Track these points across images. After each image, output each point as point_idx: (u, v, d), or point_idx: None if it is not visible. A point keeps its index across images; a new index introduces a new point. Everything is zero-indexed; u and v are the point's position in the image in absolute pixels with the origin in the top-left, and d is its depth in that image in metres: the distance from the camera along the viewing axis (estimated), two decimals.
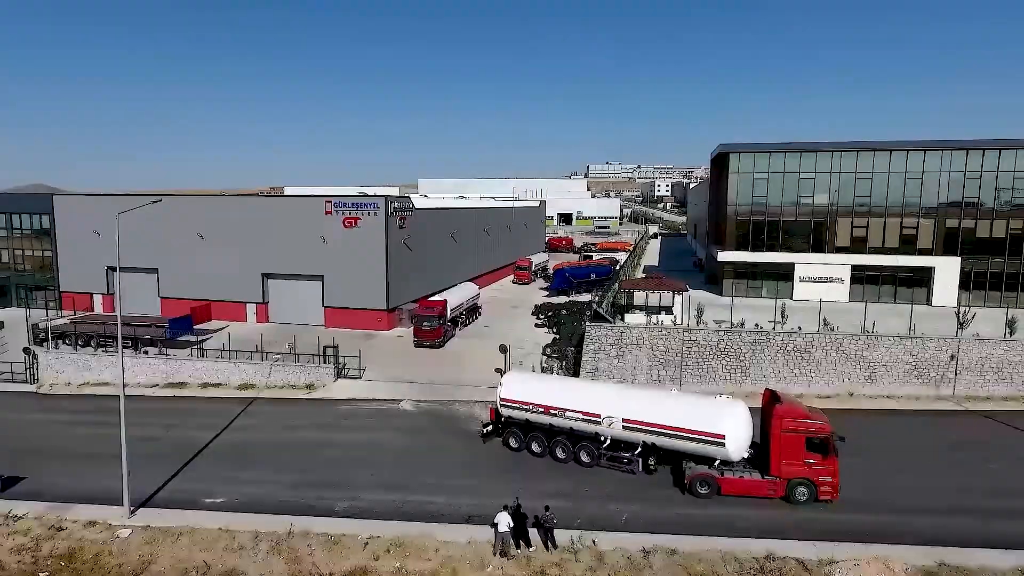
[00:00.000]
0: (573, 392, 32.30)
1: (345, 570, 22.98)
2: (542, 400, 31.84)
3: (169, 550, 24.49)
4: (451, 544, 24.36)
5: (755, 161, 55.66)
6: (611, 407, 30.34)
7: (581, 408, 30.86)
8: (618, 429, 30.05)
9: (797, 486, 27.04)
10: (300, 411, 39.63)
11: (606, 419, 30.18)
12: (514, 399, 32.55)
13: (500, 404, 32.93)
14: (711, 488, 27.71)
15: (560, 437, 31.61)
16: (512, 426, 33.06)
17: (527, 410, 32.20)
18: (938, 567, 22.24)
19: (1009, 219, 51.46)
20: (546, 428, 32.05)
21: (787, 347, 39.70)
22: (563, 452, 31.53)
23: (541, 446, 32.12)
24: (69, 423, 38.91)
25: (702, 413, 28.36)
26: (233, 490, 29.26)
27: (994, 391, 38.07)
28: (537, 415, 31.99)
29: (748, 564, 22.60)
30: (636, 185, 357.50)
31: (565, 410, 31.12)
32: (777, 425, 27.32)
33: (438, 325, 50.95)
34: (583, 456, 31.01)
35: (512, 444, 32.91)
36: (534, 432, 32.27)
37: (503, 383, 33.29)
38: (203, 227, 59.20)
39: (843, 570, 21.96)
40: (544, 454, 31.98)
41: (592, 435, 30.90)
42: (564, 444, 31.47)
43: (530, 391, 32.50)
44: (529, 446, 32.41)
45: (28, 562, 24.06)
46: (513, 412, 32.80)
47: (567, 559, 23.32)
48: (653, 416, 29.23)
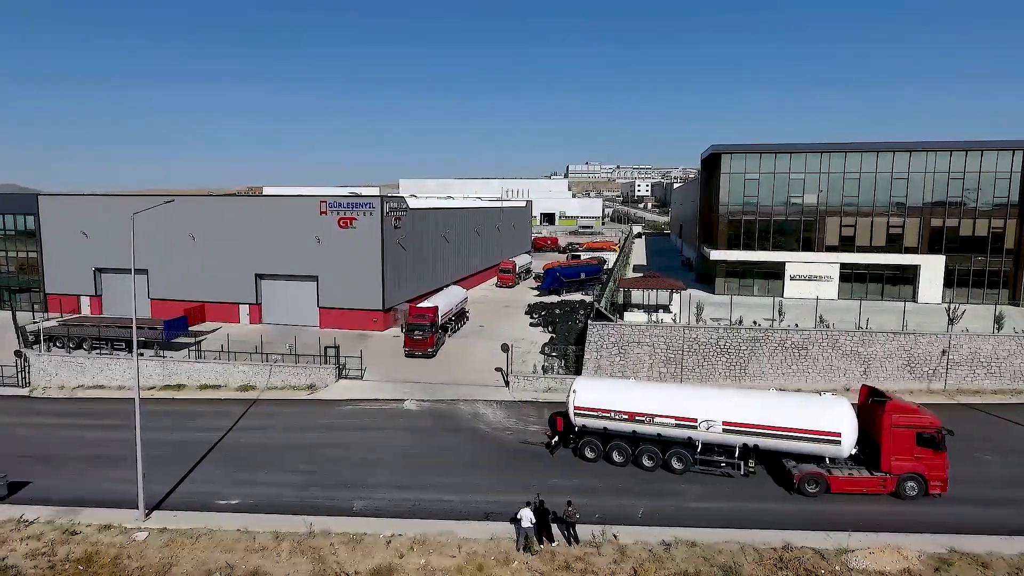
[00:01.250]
0: (660, 397, 30.84)
1: (370, 568, 23.08)
2: (625, 407, 30.45)
3: (189, 552, 24.37)
4: (473, 541, 24.62)
5: (746, 162, 56.64)
6: (708, 410, 29.35)
7: (673, 413, 29.70)
8: (717, 432, 29.14)
9: (907, 481, 27.25)
10: (303, 412, 39.52)
11: (703, 423, 29.17)
12: (591, 407, 30.99)
13: (574, 413, 31.23)
14: (820, 486, 27.57)
15: (647, 445, 30.37)
16: (587, 435, 31.44)
17: (607, 418, 30.70)
18: (949, 553, 23.09)
19: (991, 218, 53.06)
20: (628, 436, 30.79)
21: (785, 344, 40.58)
22: (650, 460, 30.38)
23: (624, 455, 30.82)
24: (67, 426, 38.37)
25: (814, 412, 28.02)
26: (245, 491, 29.16)
27: (984, 385, 39.31)
28: (619, 423, 30.56)
29: (767, 555, 23.21)
30: (616, 185, 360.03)
31: (654, 416, 29.89)
32: (888, 421, 27.36)
33: (430, 333, 48.14)
34: (675, 463, 29.99)
35: (588, 455, 31.37)
36: (615, 441, 30.91)
37: (575, 391, 31.61)
38: (194, 227, 58.53)
39: (858, 558, 22.65)
40: (626, 463, 30.79)
41: (684, 440, 29.88)
42: (652, 452, 30.29)
43: (609, 398, 31.03)
44: (608, 456, 31.06)
45: (45, 567, 23.75)
46: (588, 421, 31.22)
47: (590, 553, 23.71)
48: (759, 418, 28.55)
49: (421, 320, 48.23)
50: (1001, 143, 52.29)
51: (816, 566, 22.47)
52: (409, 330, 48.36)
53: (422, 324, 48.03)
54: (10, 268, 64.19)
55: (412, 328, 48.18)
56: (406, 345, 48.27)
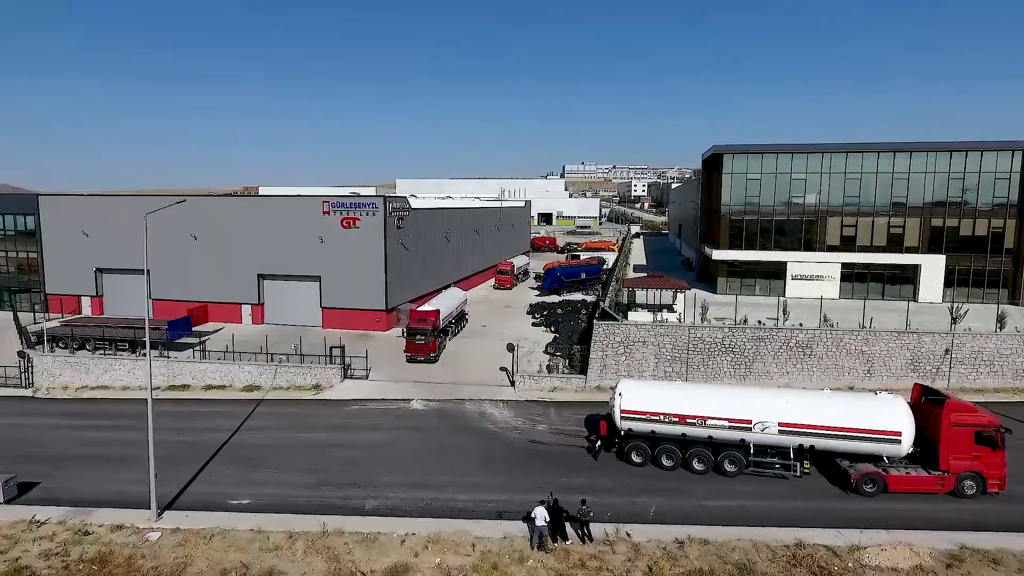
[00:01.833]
0: (712, 398, 30.27)
1: (386, 567, 23.16)
2: (675, 409, 29.85)
3: (203, 552, 24.38)
4: (487, 539, 24.72)
5: (748, 162, 56.91)
6: (763, 412, 28.95)
7: (726, 415, 29.23)
8: (772, 434, 28.79)
9: (965, 480, 27.29)
10: (310, 412, 39.53)
11: (758, 424, 28.79)
12: (638, 410, 30.35)
13: (621, 417, 30.57)
14: (878, 486, 27.57)
15: (698, 447, 29.86)
16: (635, 439, 30.85)
17: (656, 421, 30.11)
18: (960, 550, 23.32)
19: (991, 218, 53.48)
20: (678, 439, 30.23)
21: (789, 343, 40.81)
22: (701, 464, 29.89)
23: (674, 459, 30.22)
24: (73, 427, 38.26)
25: (874, 412, 27.99)
26: (256, 491, 29.19)
27: (986, 383, 39.62)
28: (668, 426, 29.98)
29: (780, 552, 23.40)
30: (612, 185, 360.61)
31: (706, 418, 29.35)
32: (947, 420, 27.30)
33: (432, 338, 46.57)
34: (727, 466, 29.56)
35: (635, 459, 30.76)
36: (664, 444, 30.32)
37: (622, 394, 30.83)
38: (196, 227, 58.42)
39: (871, 555, 22.86)
40: (675, 467, 30.19)
41: (736, 442, 29.49)
42: (703, 454, 29.79)
43: (658, 401, 30.39)
44: (657, 460, 30.44)
45: (59, 567, 23.73)
46: (635, 424, 30.59)
47: (604, 551, 23.84)
48: (817, 418, 28.31)
49: (423, 324, 46.63)
50: (1001, 143, 52.70)
51: (829, 563, 22.67)
52: (410, 334, 46.73)
53: (424, 328, 46.43)
54: (10, 268, 63.91)
55: (414, 332, 46.55)
56: (408, 350, 46.84)
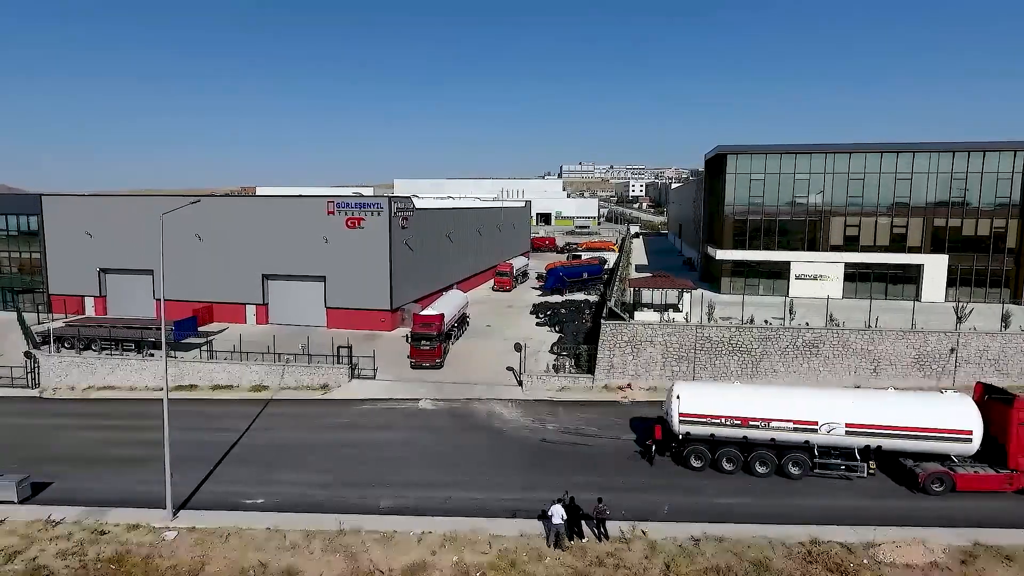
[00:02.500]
0: (775, 400, 29.80)
1: (404, 565, 23.27)
2: (737, 412, 29.42)
3: (220, 551, 24.45)
4: (504, 537, 24.85)
5: (751, 162, 57.14)
6: (829, 412, 28.70)
7: (791, 416, 28.85)
8: (839, 435, 28.61)
9: None
10: (319, 412, 39.58)
11: (824, 425, 28.55)
12: (697, 413, 29.81)
13: (679, 420, 29.96)
14: (945, 485, 27.53)
15: (760, 450, 29.48)
16: (693, 443, 30.27)
17: (716, 424, 29.63)
18: (973, 547, 23.56)
19: (993, 218, 53.82)
20: (739, 442, 29.82)
21: (796, 342, 41.03)
22: (764, 466, 29.52)
23: (735, 463, 29.79)
24: (81, 427, 38.27)
25: (943, 411, 27.99)
26: (271, 491, 29.25)
27: (991, 382, 39.69)
28: (729, 429, 29.56)
29: (796, 549, 23.59)
30: (609, 185, 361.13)
31: (770, 420, 28.96)
32: (1016, 417, 27.15)
33: (438, 343, 45.17)
34: (792, 469, 29.23)
35: (694, 463, 30.24)
36: (725, 448, 29.86)
37: (680, 397, 30.20)
38: (200, 227, 58.33)
39: (885, 552, 23.07)
40: (736, 471, 29.80)
41: (800, 444, 29.18)
42: (766, 457, 29.44)
43: (718, 403, 29.92)
44: (718, 464, 30.00)
45: (76, 566, 23.78)
46: (693, 428, 30.04)
47: (621, 549, 24.00)
48: (885, 418, 28.25)
49: (428, 329, 45.06)
50: (1003, 144, 53.02)
51: (845, 560, 22.87)
52: (415, 340, 45.17)
53: (429, 334, 44.90)
54: (13, 269, 63.75)
55: (419, 338, 45.03)
56: (412, 356, 45.40)
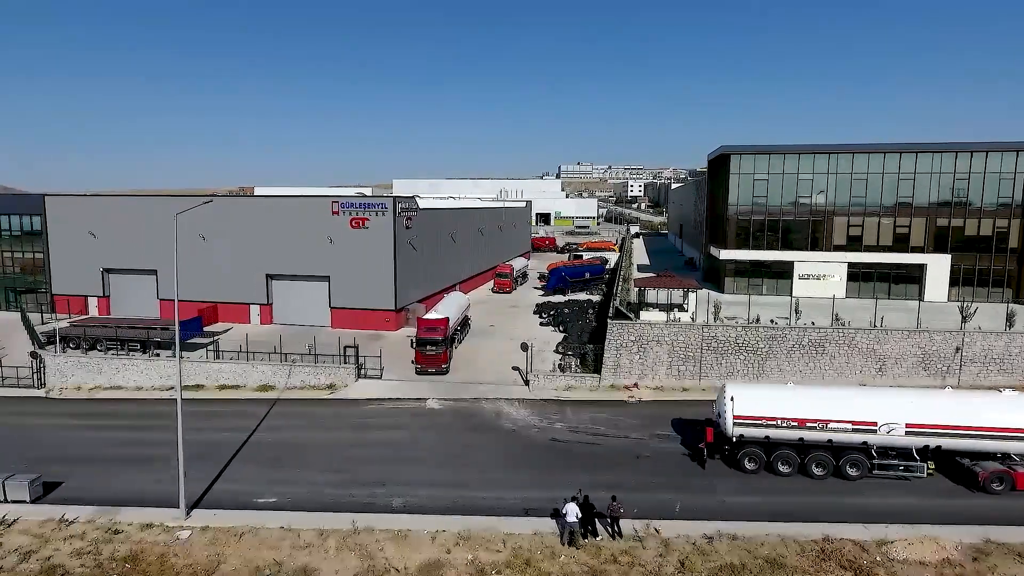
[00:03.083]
0: (832, 401, 29.52)
1: (419, 563, 23.34)
2: (793, 413, 29.00)
3: (235, 550, 24.51)
4: (517, 536, 24.95)
5: (755, 162, 57.36)
6: (890, 413, 28.44)
7: (850, 417, 28.57)
8: (898, 435, 28.39)
9: None
10: (327, 411, 39.63)
11: (883, 426, 28.31)
12: (753, 415, 29.39)
13: (734, 423, 29.57)
14: (1006, 484, 27.43)
15: (817, 452, 29.12)
16: (748, 445, 29.87)
17: (772, 426, 29.23)
18: (985, 544, 23.73)
19: (995, 218, 54.12)
20: (795, 444, 29.42)
21: (802, 342, 41.22)
22: (821, 468, 29.16)
23: (791, 465, 29.39)
24: (89, 427, 38.28)
25: (1006, 410, 27.81)
26: (282, 490, 29.31)
27: (996, 381, 40.09)
28: (785, 430, 29.13)
29: (808, 547, 23.73)
30: (608, 185, 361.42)
31: (828, 421, 28.61)
32: None
33: (444, 348, 44.28)
34: (850, 470, 28.93)
35: (748, 466, 29.85)
36: (780, 450, 29.47)
37: (734, 399, 29.74)
38: (204, 227, 58.29)
39: (898, 549, 23.21)
40: (792, 473, 29.40)
41: (858, 445, 28.95)
42: (823, 459, 29.06)
43: (773, 405, 29.45)
44: (773, 466, 29.62)
45: (91, 565, 23.80)
46: (747, 430, 29.63)
47: (634, 547, 24.12)
48: (947, 418, 28.01)
49: (433, 334, 44.10)
50: (1005, 144, 53.31)
51: (858, 557, 23.01)
52: (420, 344, 44.11)
53: (435, 339, 43.94)
54: (16, 269, 63.66)
55: (424, 343, 43.98)
56: (418, 361, 44.40)
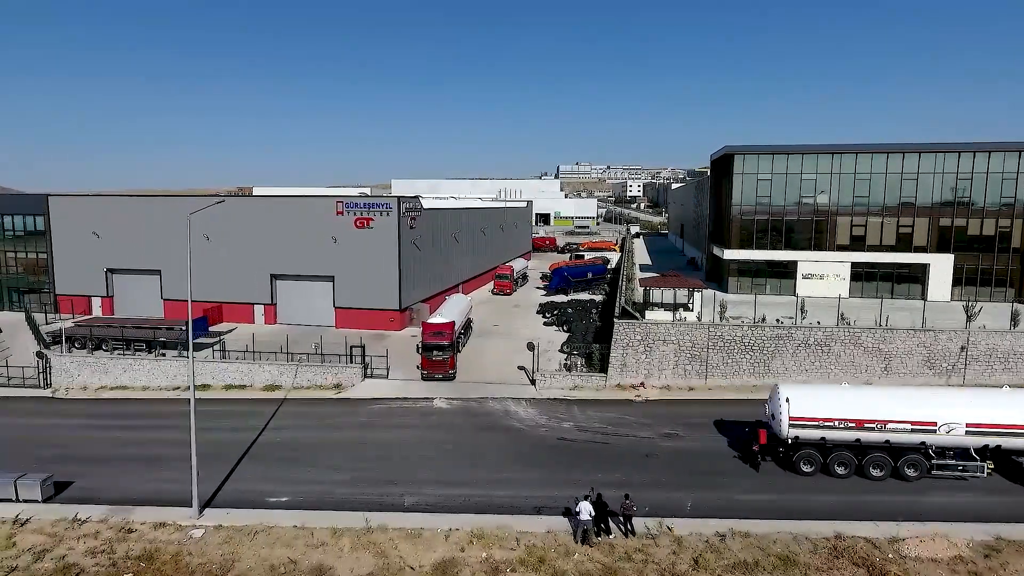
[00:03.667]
0: (889, 401, 29.19)
1: (434, 562, 23.42)
2: (851, 414, 28.75)
3: (249, 549, 24.56)
4: (530, 534, 25.04)
5: (759, 162, 57.52)
6: (949, 413, 28.21)
7: (909, 418, 28.32)
8: (958, 435, 28.18)
9: None
10: (335, 411, 39.68)
11: (943, 426, 28.06)
12: (809, 416, 28.98)
13: (789, 424, 29.11)
14: None
15: (875, 453, 28.91)
16: (803, 447, 29.50)
17: (829, 427, 28.92)
18: (996, 541, 23.89)
19: (998, 218, 54.36)
20: (852, 445, 29.20)
21: (808, 341, 41.37)
22: (879, 470, 28.93)
23: (848, 466, 29.18)
24: (97, 427, 38.30)
25: None
26: (294, 489, 29.37)
27: (1001, 379, 40.22)
28: (842, 432, 28.87)
29: (821, 544, 23.86)
30: (607, 185, 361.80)
31: (886, 422, 28.39)
32: None
33: (451, 353, 43.63)
34: (908, 471, 28.73)
35: (805, 469, 29.55)
36: (837, 451, 29.21)
37: (790, 400, 29.29)
38: (208, 228, 58.28)
39: (910, 546, 23.36)
40: (849, 475, 29.19)
41: (916, 445, 28.73)
42: (881, 460, 28.85)
43: (829, 406, 29.12)
44: (830, 468, 29.28)
45: (106, 564, 23.84)
46: (803, 432, 29.21)
47: (648, 544, 24.23)
48: (1008, 417, 27.90)
49: (440, 339, 43.27)
50: (1008, 144, 53.54)
51: (870, 554, 23.15)
52: (426, 350, 43.29)
53: (442, 343, 43.17)
54: (19, 269, 63.60)
55: (430, 348, 43.18)
56: (424, 367, 43.61)
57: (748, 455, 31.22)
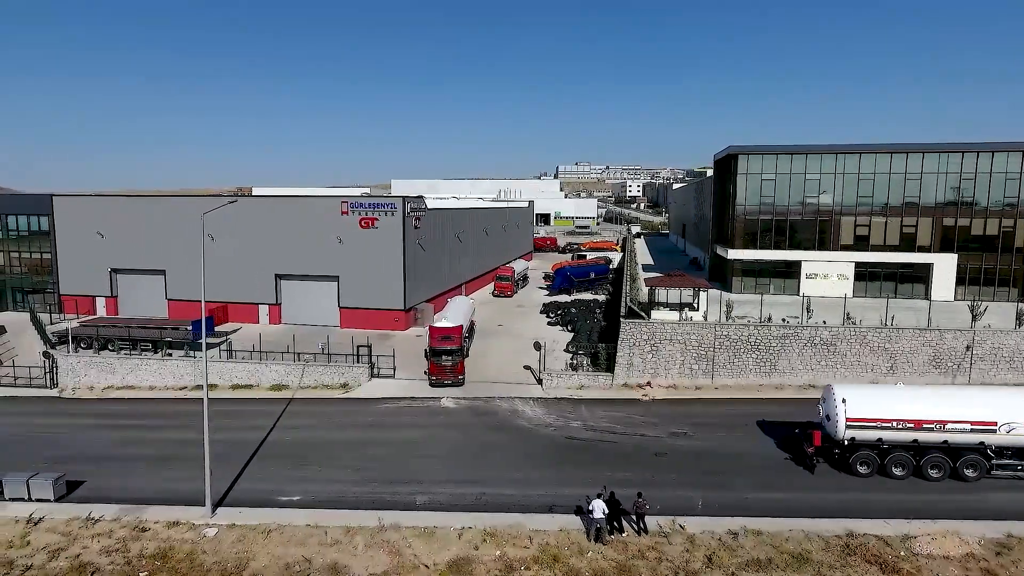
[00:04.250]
0: (948, 401, 28.98)
1: (448, 560, 23.51)
2: (909, 415, 28.47)
3: (263, 547, 24.63)
4: (544, 532, 25.14)
5: (763, 163, 57.71)
6: (1010, 412, 27.99)
7: (968, 418, 28.12)
8: (1019, 435, 28.02)
9: None
10: (343, 410, 39.76)
11: (1003, 426, 27.89)
12: (866, 417, 28.74)
13: (846, 425, 28.90)
14: None
15: (933, 454, 28.56)
16: (860, 449, 29.21)
17: (886, 428, 28.70)
18: (1007, 538, 24.03)
19: (1001, 217, 54.59)
20: (909, 446, 28.91)
21: (814, 340, 41.52)
22: (937, 470, 28.65)
23: (906, 468, 28.82)
24: (105, 427, 38.33)
25: None
26: (305, 488, 29.45)
27: (1007, 378, 40.50)
28: (900, 432, 28.62)
29: (833, 542, 23.98)
30: (606, 185, 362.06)
31: (945, 422, 28.19)
32: None
33: (460, 359, 42.55)
34: (967, 472, 28.47)
35: (862, 470, 29.22)
36: (895, 452, 28.87)
37: (846, 400, 29.06)
38: (213, 228, 58.27)
39: (922, 544, 23.49)
40: (906, 476, 28.85)
41: (975, 445, 28.48)
42: (940, 461, 28.55)
43: (887, 406, 28.85)
44: (887, 470, 29.01)
45: (121, 563, 23.90)
46: (859, 433, 28.97)
47: (661, 543, 24.34)
48: None
49: (448, 343, 42.14)
50: (1011, 144, 53.79)
51: (882, 552, 23.27)
52: (435, 355, 42.24)
53: (451, 348, 42.07)
54: (23, 269, 63.60)
55: (439, 353, 42.07)
56: (432, 373, 42.45)
57: (799, 457, 30.87)
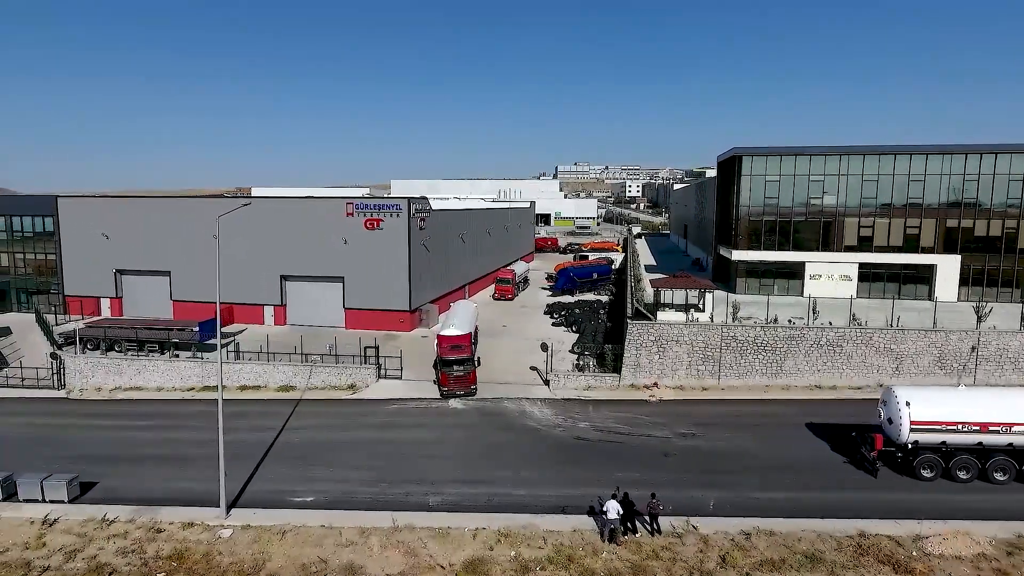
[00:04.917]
0: (1013, 403, 28.69)
1: (463, 560, 23.66)
2: (974, 417, 28.26)
3: (279, 548, 24.77)
4: (557, 533, 25.31)
5: (767, 164, 57.86)
6: None
7: None
8: None
9: None
10: (351, 411, 39.88)
11: None
12: (932, 420, 28.42)
13: (910, 428, 28.60)
14: None
15: (999, 456, 28.41)
16: (924, 452, 28.90)
17: (951, 431, 28.46)
18: (1017, 539, 24.24)
19: (1004, 219, 54.77)
20: (974, 449, 28.70)
21: (820, 341, 41.70)
22: (1003, 474, 28.52)
23: (971, 471, 28.60)
24: (113, 428, 38.46)
25: None
26: (318, 488, 29.59)
27: (1012, 379, 40.70)
28: (964, 435, 28.40)
29: (845, 542, 24.17)
30: (605, 186, 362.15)
31: (1012, 425, 28.02)
32: None
33: (472, 368, 41.20)
34: None
35: (926, 474, 28.91)
36: (959, 456, 28.64)
37: (909, 403, 28.73)
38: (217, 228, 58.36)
39: (933, 544, 23.68)
40: (971, 479, 28.67)
41: None
42: (1006, 464, 28.40)
43: (951, 409, 28.63)
44: (951, 473, 28.76)
45: (137, 564, 24.02)
46: (923, 436, 28.67)
47: (674, 543, 24.51)
48: None
49: (460, 352, 41.16)
50: (1014, 146, 53.92)
51: (894, 552, 23.46)
52: (446, 365, 40.97)
53: (462, 357, 41.10)
54: (27, 270, 63.60)
55: (450, 363, 40.84)
56: (443, 383, 41.00)
57: (859, 460, 30.64)
